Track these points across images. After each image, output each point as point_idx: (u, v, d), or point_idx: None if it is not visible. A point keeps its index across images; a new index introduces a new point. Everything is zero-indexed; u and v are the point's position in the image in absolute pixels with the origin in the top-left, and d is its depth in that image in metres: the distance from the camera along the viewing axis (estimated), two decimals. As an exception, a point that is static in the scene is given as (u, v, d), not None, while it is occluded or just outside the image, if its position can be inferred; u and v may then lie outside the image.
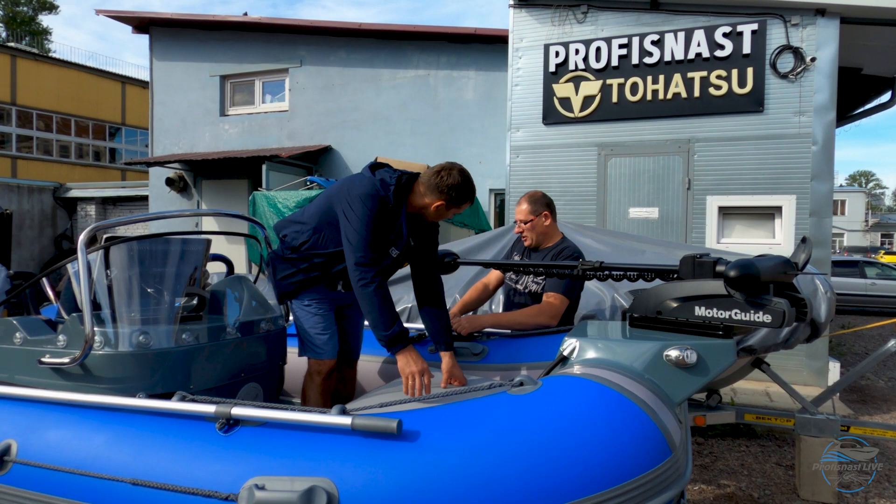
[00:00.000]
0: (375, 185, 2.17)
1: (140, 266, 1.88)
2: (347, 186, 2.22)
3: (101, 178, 18.12)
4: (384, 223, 2.19)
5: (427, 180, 2.23)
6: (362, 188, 2.16)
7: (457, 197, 2.21)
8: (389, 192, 2.17)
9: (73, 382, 1.72)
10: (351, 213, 2.13)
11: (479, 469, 1.30)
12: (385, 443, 1.37)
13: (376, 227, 2.14)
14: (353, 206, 2.14)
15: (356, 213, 2.12)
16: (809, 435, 3.49)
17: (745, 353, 3.29)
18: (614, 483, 1.29)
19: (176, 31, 10.47)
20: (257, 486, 1.33)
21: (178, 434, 1.51)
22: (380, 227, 2.17)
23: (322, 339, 2.30)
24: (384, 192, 2.17)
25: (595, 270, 2.06)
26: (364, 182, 2.19)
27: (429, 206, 2.24)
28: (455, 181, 2.19)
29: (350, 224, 2.13)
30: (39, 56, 18.62)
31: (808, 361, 5.51)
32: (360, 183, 2.19)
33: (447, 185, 2.19)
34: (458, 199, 2.22)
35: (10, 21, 31.36)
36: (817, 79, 5.45)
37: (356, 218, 2.12)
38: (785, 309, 1.54)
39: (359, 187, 2.17)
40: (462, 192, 2.22)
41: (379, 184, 2.18)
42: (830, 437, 3.44)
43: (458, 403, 1.48)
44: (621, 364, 1.60)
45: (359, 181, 2.21)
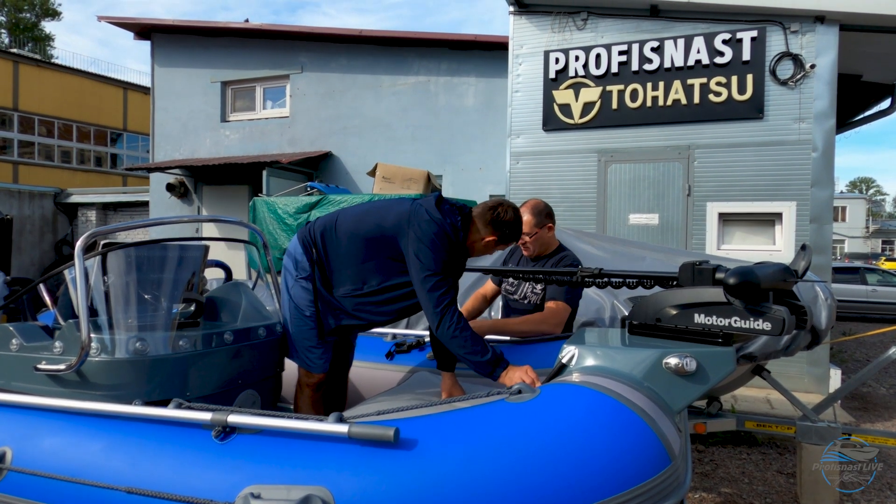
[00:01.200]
0: (445, 228, 2.10)
1: (137, 272, 1.88)
2: (417, 225, 2.10)
3: (103, 183, 18.15)
4: (455, 259, 2.16)
5: (481, 215, 2.19)
6: (432, 229, 2.07)
7: (510, 234, 2.20)
8: (459, 235, 2.14)
9: (70, 389, 1.71)
10: (425, 253, 2.04)
11: (477, 478, 1.29)
12: (382, 451, 1.36)
13: (449, 267, 2.10)
14: (430, 247, 2.05)
15: (427, 253, 2.04)
16: (811, 442, 3.47)
17: (746, 361, 3.28)
18: (613, 492, 1.27)
19: (177, 37, 10.51)
20: (253, 494, 1.32)
21: (174, 442, 1.50)
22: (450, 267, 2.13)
23: (315, 354, 2.26)
24: (454, 237, 2.12)
25: (594, 277, 2.05)
26: (434, 223, 2.09)
27: (479, 241, 2.20)
28: (510, 218, 2.17)
29: (421, 263, 2.04)
30: (41, 62, 18.69)
31: (809, 369, 5.49)
32: (431, 223, 2.09)
33: (502, 221, 2.16)
34: (509, 237, 2.21)
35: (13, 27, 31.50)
36: (817, 85, 5.46)
37: (429, 258, 2.04)
38: (785, 317, 1.53)
39: (428, 229, 2.08)
40: (514, 231, 2.21)
41: (449, 228, 2.11)
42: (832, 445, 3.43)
43: (456, 411, 1.47)
44: (620, 372, 1.59)
45: (424, 223, 2.10)
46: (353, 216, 2.22)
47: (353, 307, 2.19)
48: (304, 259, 2.21)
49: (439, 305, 2.00)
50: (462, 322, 2.01)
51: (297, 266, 2.22)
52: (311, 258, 2.21)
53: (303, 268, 2.20)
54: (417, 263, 2.05)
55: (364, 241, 2.16)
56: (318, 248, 2.22)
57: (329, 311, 2.22)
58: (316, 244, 2.23)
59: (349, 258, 2.18)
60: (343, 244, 2.20)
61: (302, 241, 2.26)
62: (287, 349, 2.30)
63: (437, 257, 2.04)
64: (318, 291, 2.21)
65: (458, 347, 1.99)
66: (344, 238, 2.20)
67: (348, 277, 2.19)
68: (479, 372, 2.01)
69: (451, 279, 2.09)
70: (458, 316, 2.01)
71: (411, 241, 2.07)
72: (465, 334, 1.98)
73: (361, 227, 2.18)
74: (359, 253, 2.17)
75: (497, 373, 1.98)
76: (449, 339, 1.99)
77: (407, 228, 2.09)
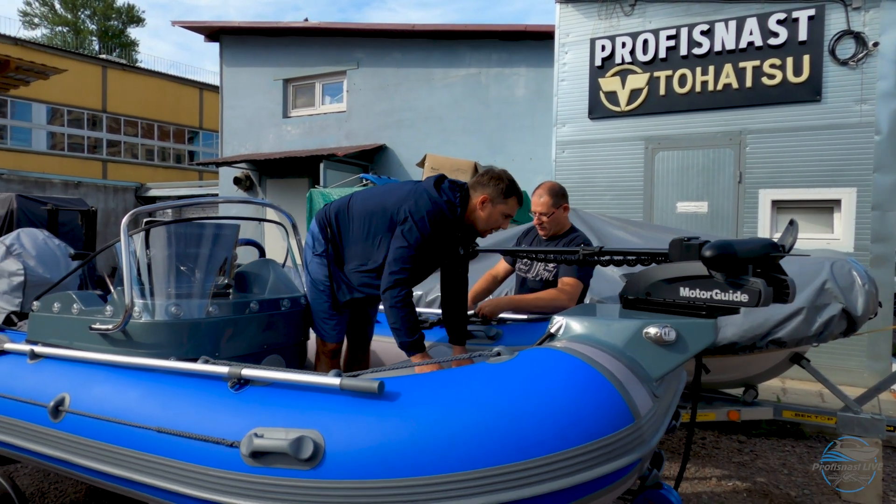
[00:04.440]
0: (441, 206, 2.22)
1: (176, 246, 2.13)
2: (413, 201, 2.23)
3: (181, 178, 19.35)
4: (445, 237, 2.27)
5: (472, 183, 2.31)
6: (425, 206, 2.21)
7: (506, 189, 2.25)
8: (456, 211, 2.25)
9: (117, 347, 1.98)
10: (412, 230, 2.18)
11: (449, 425, 1.42)
12: (368, 401, 1.52)
13: (428, 245, 2.21)
14: (417, 223, 2.18)
15: (413, 229, 2.18)
16: (853, 434, 3.37)
17: (776, 346, 3.22)
18: (573, 444, 1.38)
19: (243, 38, 11.08)
20: (257, 434, 1.52)
21: (198, 391, 1.72)
22: (437, 245, 2.25)
23: (329, 325, 2.45)
24: (451, 214, 2.23)
25: (595, 255, 2.13)
26: (426, 201, 2.22)
27: (476, 207, 2.28)
28: (496, 174, 2.28)
29: (405, 238, 2.18)
30: (126, 66, 20.10)
31: (869, 363, 5.24)
32: (423, 202, 2.22)
33: (489, 177, 2.28)
34: (507, 191, 2.26)
35: (102, 34, 33.93)
36: (881, 64, 5.17)
37: (412, 235, 2.18)
38: (761, 288, 1.57)
39: (422, 206, 2.20)
40: (506, 182, 2.27)
41: (445, 206, 2.23)
42: (875, 437, 3.31)
43: (441, 371, 1.61)
44: (600, 340, 1.68)
45: (422, 199, 2.22)
46: (364, 197, 2.39)
47: (359, 282, 2.37)
48: (320, 237, 2.42)
49: (398, 275, 2.17)
50: (408, 300, 2.17)
51: (314, 244, 2.44)
52: (326, 237, 2.41)
53: (319, 245, 2.41)
54: (401, 236, 2.21)
55: (370, 220, 2.33)
56: (332, 227, 2.42)
57: (341, 286, 2.41)
58: (331, 224, 2.43)
59: (358, 236, 2.36)
60: (354, 223, 2.38)
61: (319, 221, 2.47)
62: (311, 320, 2.51)
63: (421, 235, 2.19)
64: (331, 267, 2.40)
65: (393, 317, 2.18)
66: (355, 218, 2.38)
67: (356, 254, 2.37)
68: (400, 347, 2.22)
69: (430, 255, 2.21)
70: (406, 293, 2.18)
71: (404, 212, 2.23)
72: (405, 311, 2.16)
73: (368, 207, 2.35)
74: (366, 231, 2.34)
75: (411, 355, 2.20)
76: (389, 306, 2.18)
77: (405, 206, 2.24)
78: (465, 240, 2.42)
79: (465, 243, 2.43)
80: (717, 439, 4.39)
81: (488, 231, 2.36)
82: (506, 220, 2.33)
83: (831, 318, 3.06)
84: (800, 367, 3.55)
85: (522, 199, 2.33)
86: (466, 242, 2.43)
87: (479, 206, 2.28)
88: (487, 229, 2.35)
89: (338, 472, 1.44)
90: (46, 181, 12.59)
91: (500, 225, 2.33)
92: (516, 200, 2.31)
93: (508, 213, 2.32)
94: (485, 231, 2.36)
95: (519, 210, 2.42)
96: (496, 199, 2.27)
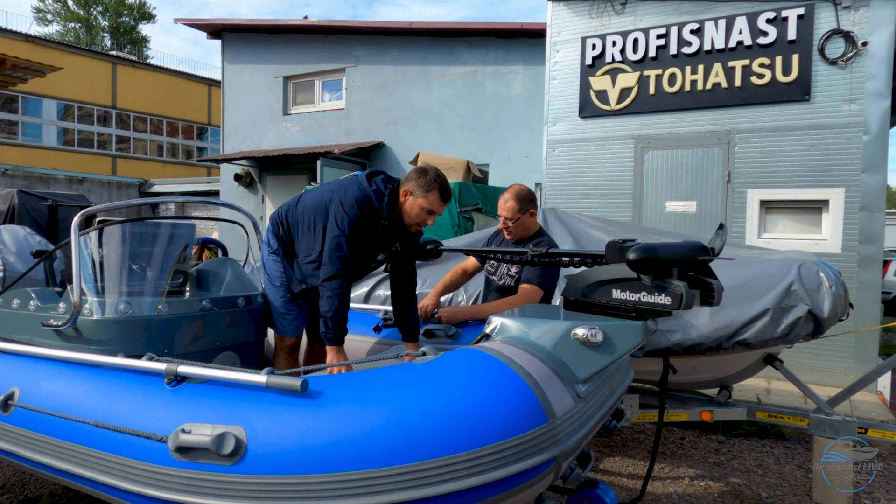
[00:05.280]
0: (368, 194, 2.28)
1: (129, 245, 2.18)
2: (343, 190, 2.32)
3: (190, 174, 19.53)
4: (376, 231, 2.32)
5: (406, 179, 2.34)
6: (353, 194, 2.28)
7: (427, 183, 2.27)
8: (383, 202, 2.29)
9: (69, 343, 2.04)
10: (341, 215, 2.25)
11: (365, 424, 1.46)
12: (292, 399, 1.56)
13: (358, 233, 2.27)
14: (345, 208, 2.25)
15: (343, 216, 2.24)
16: (824, 436, 3.37)
17: (742, 347, 3.22)
18: (485, 443, 1.41)
19: (245, 35, 11.16)
20: (184, 430, 1.56)
21: (137, 387, 1.77)
22: (367, 235, 2.29)
23: (287, 320, 2.53)
24: (378, 203, 2.29)
25: (542, 256, 2.15)
26: (356, 189, 2.30)
27: (401, 200, 2.33)
28: (423, 169, 2.30)
29: (336, 225, 2.25)
30: (136, 62, 20.30)
31: (856, 364, 5.21)
32: (352, 189, 2.30)
33: (416, 171, 2.31)
34: (427, 185, 2.27)
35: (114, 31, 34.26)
36: (871, 64, 5.12)
37: (343, 221, 2.24)
38: (682, 291, 1.59)
39: (350, 193, 2.28)
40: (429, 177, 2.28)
41: (374, 194, 2.29)
42: (846, 439, 3.30)
43: (369, 370, 1.65)
44: (529, 340, 1.70)
45: (352, 188, 2.31)
46: (310, 194, 2.45)
47: (306, 273, 2.44)
48: (272, 236, 2.49)
49: (334, 263, 2.22)
50: (343, 292, 2.22)
51: (269, 242, 2.51)
52: (278, 235, 2.49)
53: (273, 243, 2.48)
54: (333, 224, 2.27)
55: (313, 214, 2.40)
56: (283, 225, 2.51)
57: (293, 279, 2.48)
58: (282, 222, 2.51)
59: (304, 230, 2.43)
60: (300, 219, 2.45)
61: (272, 220, 2.56)
62: (269, 318, 2.57)
63: (350, 221, 2.23)
64: (284, 263, 2.47)
65: (326, 306, 2.21)
66: (301, 213, 2.45)
67: (303, 247, 2.44)
68: (322, 336, 2.26)
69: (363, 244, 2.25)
70: (344, 285, 2.22)
71: (334, 206, 2.29)
72: (339, 302, 2.20)
73: (311, 202, 2.43)
74: (310, 224, 2.41)
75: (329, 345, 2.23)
76: (326, 296, 2.22)
77: (336, 195, 2.32)
78: (402, 236, 2.46)
79: (404, 239, 2.46)
80: (696, 439, 4.39)
81: (415, 226, 2.39)
82: (429, 215, 2.34)
83: (797, 319, 3.05)
84: (773, 368, 3.54)
85: (448, 197, 2.33)
86: (404, 239, 2.47)
87: (403, 199, 2.32)
88: (412, 224, 2.37)
89: (259, 467, 1.48)
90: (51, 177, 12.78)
91: (424, 220, 2.34)
92: (438, 196, 2.31)
93: (429, 209, 2.32)
94: (411, 226, 2.38)
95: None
96: (416, 192, 2.30)
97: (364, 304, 3.50)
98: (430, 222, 2.35)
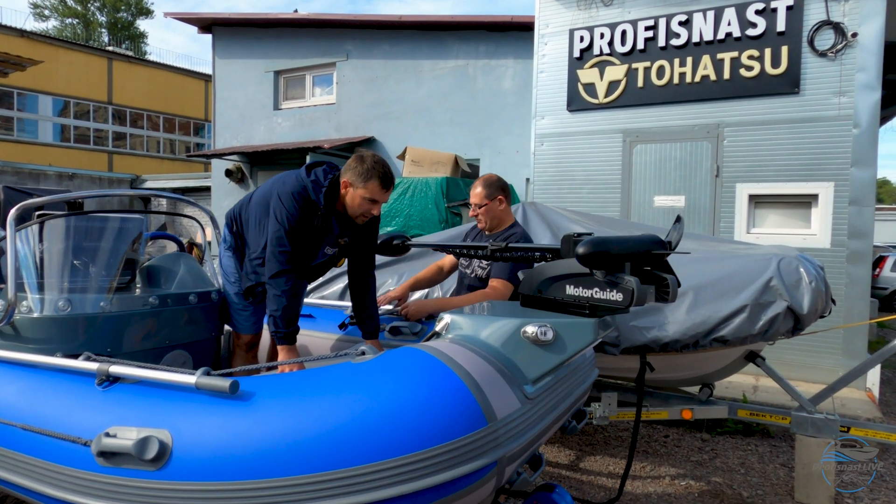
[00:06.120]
0: (305, 185, 2.20)
1: (71, 240, 2.10)
2: (282, 182, 2.25)
3: (187, 170, 19.44)
4: (316, 223, 2.23)
5: (344, 168, 2.25)
6: (290, 186, 2.20)
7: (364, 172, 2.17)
8: (321, 193, 2.20)
9: (5, 341, 1.96)
10: (279, 208, 2.18)
11: (294, 428, 1.38)
12: (221, 401, 1.48)
13: (300, 225, 2.18)
14: (283, 201, 2.18)
15: (281, 209, 2.17)
16: (806, 434, 3.30)
17: (720, 344, 3.14)
18: (420, 447, 1.33)
19: (235, 30, 11.06)
20: (108, 433, 1.48)
21: (68, 388, 1.69)
22: (308, 227, 2.21)
23: (243, 316, 2.47)
24: (315, 195, 2.20)
25: (502, 251, 2.07)
26: (294, 181, 2.22)
27: (345, 195, 2.23)
28: (360, 156, 2.20)
29: (276, 219, 2.18)
30: (132, 58, 20.19)
31: (845, 361, 5.13)
32: (290, 181, 2.23)
33: (354, 160, 2.22)
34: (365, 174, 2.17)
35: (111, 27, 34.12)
36: (861, 56, 5.02)
37: (281, 214, 2.16)
38: (634, 287, 1.51)
39: (288, 185, 2.21)
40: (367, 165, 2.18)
41: (311, 185, 2.20)
42: (829, 438, 3.23)
43: (306, 370, 1.57)
44: (476, 339, 1.62)
45: (290, 179, 2.24)
46: (259, 189, 2.39)
47: (253, 269, 2.37)
48: (227, 232, 2.43)
49: (277, 258, 2.15)
50: (291, 290, 2.15)
51: (224, 239, 2.45)
52: (232, 231, 2.43)
53: (227, 240, 2.42)
54: (273, 219, 2.19)
55: (259, 209, 2.33)
56: (237, 222, 2.46)
57: (245, 275, 2.41)
58: (236, 219, 2.47)
59: (253, 226, 2.37)
60: (250, 216, 2.39)
61: (227, 217, 2.51)
62: (226, 315, 2.50)
63: (289, 214, 2.15)
64: (237, 259, 2.40)
65: (275, 305, 2.14)
66: (251, 210, 2.38)
67: (252, 243, 2.38)
68: (272, 336, 2.20)
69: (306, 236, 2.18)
70: (290, 282, 2.15)
71: (273, 200, 2.22)
72: (285, 300, 2.13)
73: (258, 197, 2.37)
74: (256, 220, 2.34)
75: (280, 345, 2.17)
76: (274, 294, 2.15)
77: (275, 189, 2.25)
78: (351, 229, 2.38)
79: (354, 233, 2.39)
80: (679, 437, 4.32)
81: (359, 217, 2.28)
82: (372, 205, 2.23)
83: (776, 315, 2.97)
84: (754, 364, 3.47)
85: (389, 183, 2.22)
86: (355, 232, 2.39)
87: (343, 191, 2.23)
88: (357, 215, 2.27)
89: (183, 473, 1.40)
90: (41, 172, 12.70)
91: (368, 210, 2.25)
92: (378, 185, 2.19)
93: (371, 198, 2.22)
94: (355, 217, 2.28)
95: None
96: (356, 182, 2.20)
97: (338, 301, 3.43)
98: (376, 212, 2.25)
